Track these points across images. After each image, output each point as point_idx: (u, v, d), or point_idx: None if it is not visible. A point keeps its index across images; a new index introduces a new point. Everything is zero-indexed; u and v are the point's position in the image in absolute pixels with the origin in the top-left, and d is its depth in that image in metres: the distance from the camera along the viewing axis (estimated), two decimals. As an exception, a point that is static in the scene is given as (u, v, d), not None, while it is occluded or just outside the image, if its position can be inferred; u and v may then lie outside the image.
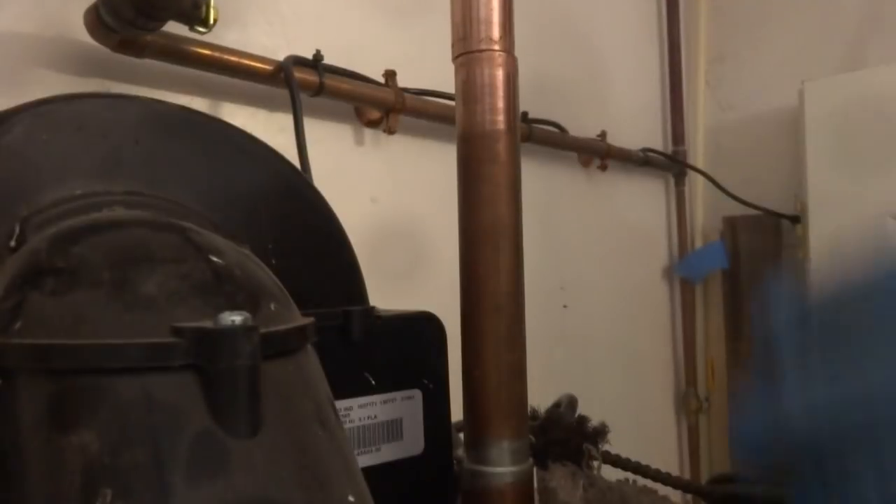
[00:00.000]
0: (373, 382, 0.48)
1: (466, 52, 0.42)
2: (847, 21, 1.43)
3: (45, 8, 0.64)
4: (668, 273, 1.56)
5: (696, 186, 1.59)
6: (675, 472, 0.65)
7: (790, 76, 1.40)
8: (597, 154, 1.32)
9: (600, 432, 0.69)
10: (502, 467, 0.42)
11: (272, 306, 0.33)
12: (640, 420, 1.39)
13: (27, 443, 0.26)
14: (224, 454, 0.26)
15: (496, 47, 0.42)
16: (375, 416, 0.48)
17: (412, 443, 0.50)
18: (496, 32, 0.42)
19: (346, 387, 0.47)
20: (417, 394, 0.50)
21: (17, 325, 0.28)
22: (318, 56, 0.79)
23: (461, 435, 0.50)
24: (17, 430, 0.27)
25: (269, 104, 0.81)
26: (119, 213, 0.38)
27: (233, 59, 0.73)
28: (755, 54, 1.56)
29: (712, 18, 1.62)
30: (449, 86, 0.46)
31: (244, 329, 0.27)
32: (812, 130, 1.30)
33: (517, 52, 0.44)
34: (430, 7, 0.87)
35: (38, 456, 0.26)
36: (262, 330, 0.28)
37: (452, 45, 0.43)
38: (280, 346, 0.31)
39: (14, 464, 0.26)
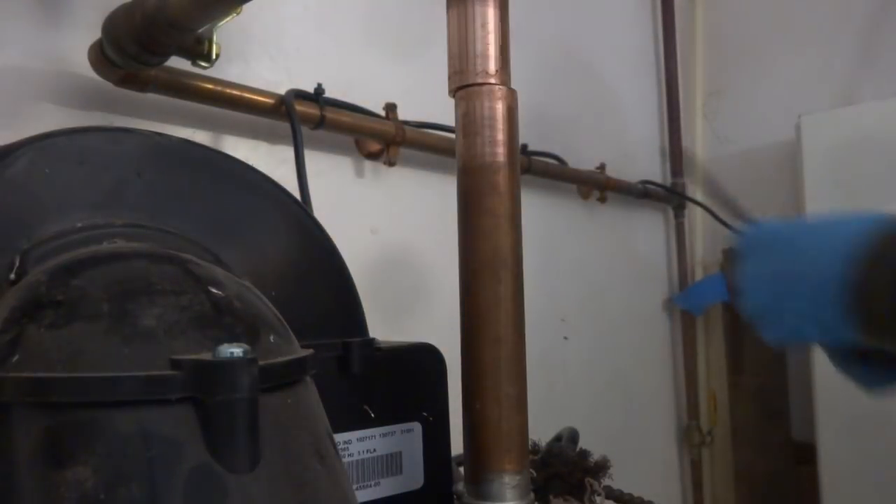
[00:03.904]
0: (372, 415, 0.48)
1: (464, 85, 0.43)
2: (842, 57, 1.45)
3: (51, 44, 0.65)
4: (669, 305, 1.56)
5: (696, 218, 1.60)
6: (678, 507, 0.64)
7: (787, 110, 1.41)
8: (596, 186, 1.33)
9: (602, 466, 0.68)
10: (503, 502, 0.41)
11: (271, 338, 0.33)
12: (642, 454, 1.38)
13: (22, 478, 0.26)
14: (221, 489, 0.26)
15: (492, 80, 0.43)
16: (374, 450, 0.48)
17: (412, 477, 0.49)
18: (492, 66, 0.43)
19: (346, 419, 0.46)
20: (417, 427, 0.50)
21: (15, 358, 0.28)
22: (319, 89, 0.80)
23: (461, 469, 0.49)
24: (12, 465, 0.26)
25: (270, 137, 0.81)
26: (119, 245, 0.38)
27: (235, 92, 0.73)
28: (752, 88, 1.58)
29: (709, 52, 1.64)
30: (449, 118, 0.47)
31: (243, 361, 0.27)
32: (809, 164, 1.31)
33: (517, 86, 0.45)
34: (430, 41, 0.88)
35: (33, 492, 0.26)
36: (261, 362, 0.28)
37: (449, 78, 0.44)
38: (279, 378, 0.31)
39: (8, 500, 0.26)
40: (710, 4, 1.65)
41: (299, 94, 0.78)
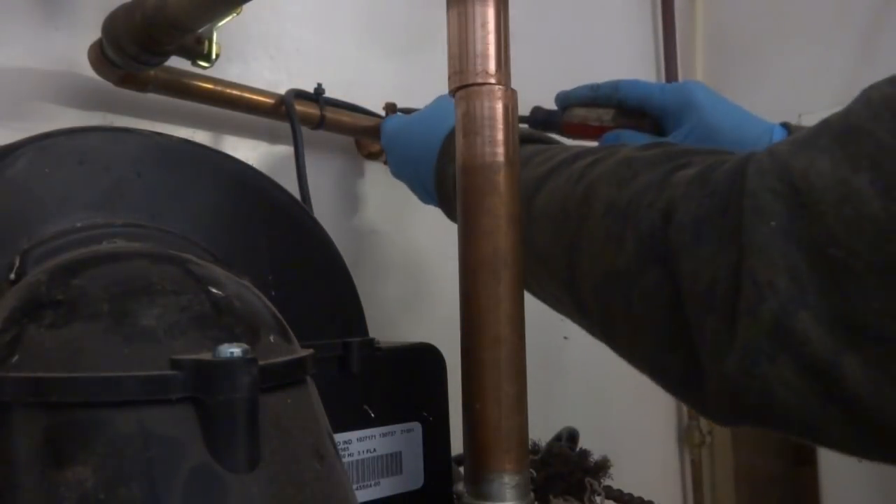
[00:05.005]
0: (372, 415, 0.48)
1: (464, 85, 0.43)
2: (842, 56, 1.45)
3: (51, 44, 0.65)
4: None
5: (696, 218, 1.59)
6: (678, 507, 0.64)
7: (787, 109, 1.41)
8: (596, 186, 1.32)
9: (602, 466, 0.68)
10: (503, 503, 0.41)
11: (271, 338, 0.33)
12: (642, 454, 1.38)
13: (22, 478, 0.26)
14: (221, 489, 0.26)
15: (492, 80, 0.43)
16: (375, 450, 0.48)
17: (412, 477, 0.49)
18: (492, 66, 0.43)
19: (345, 419, 0.46)
20: (417, 427, 0.50)
21: (15, 358, 0.28)
22: (319, 89, 0.80)
23: (461, 469, 0.49)
24: (11, 465, 0.26)
25: (270, 137, 0.81)
26: (119, 245, 0.38)
27: (235, 92, 0.73)
28: (752, 88, 1.58)
29: (709, 52, 1.64)
30: (449, 119, 0.47)
31: (243, 361, 0.27)
32: (810, 162, 1.31)
33: (517, 86, 0.45)
34: (430, 40, 0.88)
35: (33, 492, 0.26)
36: (261, 362, 0.28)
37: (449, 78, 0.44)
38: (279, 378, 0.31)
39: (8, 500, 0.26)
40: (710, 4, 1.65)
41: (299, 94, 0.78)
